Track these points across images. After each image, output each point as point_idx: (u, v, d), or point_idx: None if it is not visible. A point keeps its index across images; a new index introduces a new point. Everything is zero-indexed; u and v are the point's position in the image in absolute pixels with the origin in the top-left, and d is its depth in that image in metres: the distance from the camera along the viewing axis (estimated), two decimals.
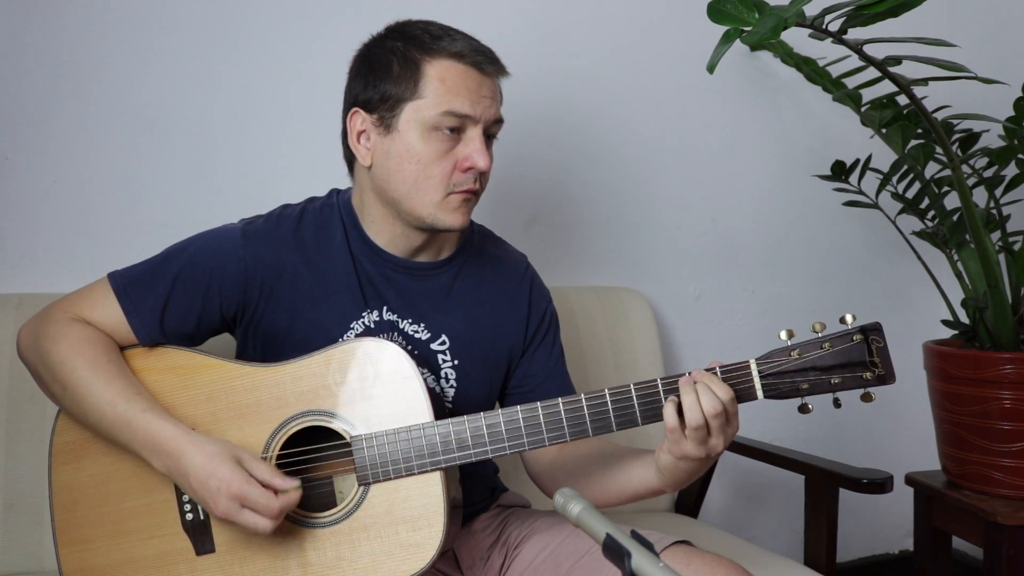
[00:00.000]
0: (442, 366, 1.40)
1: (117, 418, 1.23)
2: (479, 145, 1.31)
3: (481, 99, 1.31)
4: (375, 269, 1.39)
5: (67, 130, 1.81)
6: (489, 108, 1.32)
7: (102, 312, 1.32)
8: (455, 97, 1.29)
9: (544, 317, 1.50)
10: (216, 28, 1.89)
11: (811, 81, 2.23)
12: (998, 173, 2.07)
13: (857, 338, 1.25)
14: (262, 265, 1.35)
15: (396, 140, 1.31)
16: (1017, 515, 1.88)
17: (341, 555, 1.25)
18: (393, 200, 1.34)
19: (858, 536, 2.54)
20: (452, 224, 1.33)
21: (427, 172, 1.30)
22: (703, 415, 1.20)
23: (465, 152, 1.31)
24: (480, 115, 1.30)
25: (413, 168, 1.30)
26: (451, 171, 1.31)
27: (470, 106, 1.29)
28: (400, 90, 1.30)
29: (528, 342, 1.48)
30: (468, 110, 1.29)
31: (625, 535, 0.85)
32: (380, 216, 1.38)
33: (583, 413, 1.26)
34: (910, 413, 2.33)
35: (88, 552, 1.28)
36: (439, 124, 1.29)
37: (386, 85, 1.31)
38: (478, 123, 1.31)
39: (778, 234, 2.40)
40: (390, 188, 1.33)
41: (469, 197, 1.33)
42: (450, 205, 1.32)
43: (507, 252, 1.54)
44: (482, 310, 1.44)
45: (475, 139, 1.31)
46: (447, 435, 1.26)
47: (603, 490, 1.38)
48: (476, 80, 1.31)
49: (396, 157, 1.31)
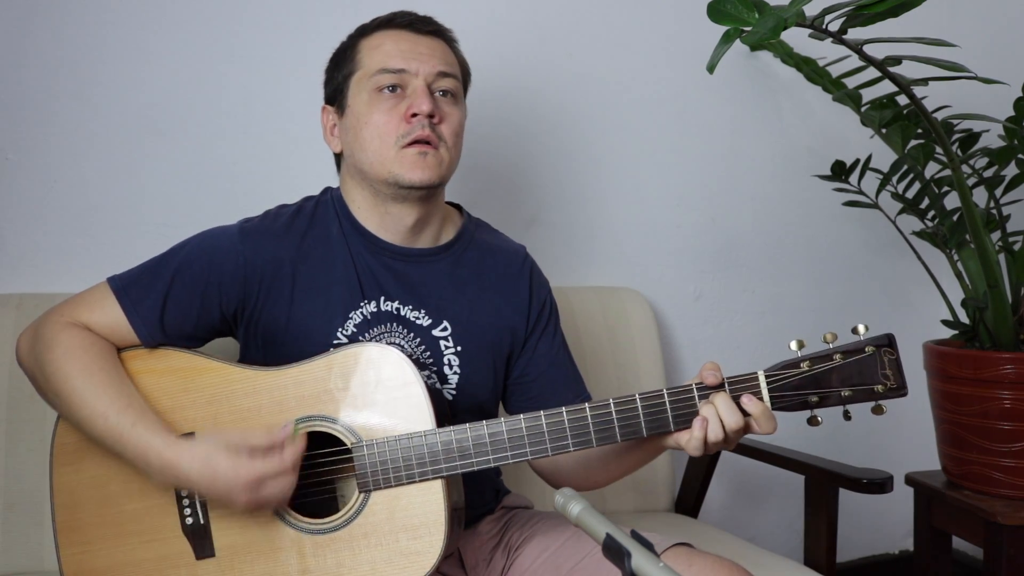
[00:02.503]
0: (445, 352, 1.41)
1: (108, 430, 1.23)
2: (420, 93, 1.35)
3: (417, 55, 1.36)
4: (373, 259, 1.40)
5: (67, 130, 1.81)
6: (427, 62, 1.37)
7: (101, 315, 1.32)
8: (387, 57, 1.36)
9: (545, 306, 1.51)
10: (216, 28, 1.89)
11: (811, 81, 2.23)
12: (998, 173, 2.07)
13: (869, 349, 1.23)
14: (260, 261, 1.35)
15: (350, 115, 1.39)
16: (1017, 515, 1.88)
17: (341, 561, 1.25)
18: (362, 172, 1.38)
19: (858, 536, 2.55)
20: (412, 179, 1.35)
21: (378, 131, 1.35)
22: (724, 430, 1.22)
23: (408, 103, 1.35)
24: (417, 69, 1.36)
25: (367, 132, 1.36)
26: (398, 122, 1.35)
27: (403, 61, 1.36)
28: (344, 71, 1.40)
29: (530, 331, 1.48)
30: (401, 64, 1.36)
31: (625, 535, 0.85)
32: (363, 199, 1.41)
33: (587, 423, 1.25)
34: (910, 413, 2.32)
35: (89, 554, 1.28)
36: (378, 84, 1.36)
37: (335, 73, 1.43)
38: (417, 76, 1.36)
39: (778, 234, 2.40)
40: (357, 162, 1.39)
41: (424, 149, 1.35)
42: (407, 158, 1.35)
43: (505, 241, 1.55)
44: (484, 296, 1.45)
45: (417, 89, 1.35)
46: (449, 442, 1.25)
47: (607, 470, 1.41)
48: (409, 40, 1.38)
49: (352, 129, 1.38)
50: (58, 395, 1.28)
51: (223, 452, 1.19)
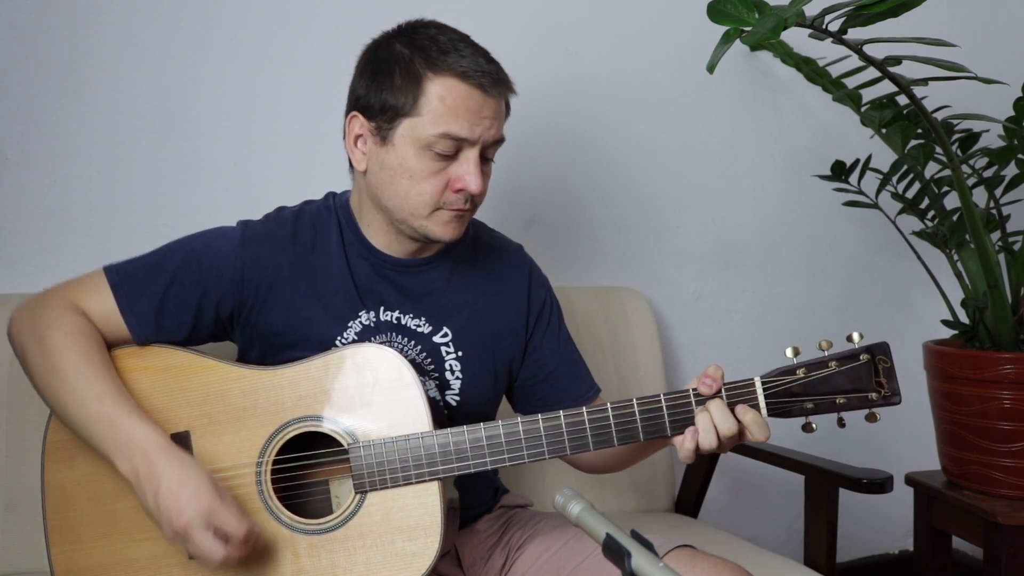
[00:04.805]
0: (446, 358, 1.40)
1: (101, 415, 1.22)
2: (473, 168, 1.28)
3: (481, 120, 1.28)
4: (371, 269, 1.39)
5: (67, 130, 1.81)
6: (488, 129, 1.29)
7: (98, 302, 1.31)
8: (453, 119, 1.26)
9: (545, 304, 1.50)
10: (216, 28, 1.89)
11: (811, 81, 2.23)
12: (998, 173, 2.07)
13: (864, 358, 1.24)
14: (258, 267, 1.35)
15: (391, 152, 1.30)
16: (1017, 515, 1.88)
17: (336, 563, 1.24)
18: (386, 208, 1.34)
19: (858, 536, 2.54)
20: (442, 236, 1.33)
21: (419, 188, 1.29)
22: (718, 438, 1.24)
23: (458, 173, 1.29)
24: (478, 137, 1.28)
25: (405, 183, 1.29)
26: (443, 189, 1.29)
27: (468, 128, 1.27)
28: (399, 103, 1.28)
29: (531, 331, 1.48)
30: (466, 133, 1.27)
31: (625, 535, 0.85)
32: (377, 221, 1.38)
33: (584, 427, 1.25)
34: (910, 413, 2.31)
35: (80, 552, 1.27)
36: (434, 145, 1.27)
37: (386, 95, 1.29)
38: (475, 145, 1.28)
39: (778, 234, 2.40)
40: (383, 197, 1.33)
41: (460, 214, 1.32)
42: (440, 219, 1.31)
43: (502, 241, 1.54)
44: (483, 300, 1.44)
45: (470, 160, 1.28)
46: (446, 444, 1.25)
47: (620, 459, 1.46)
48: (478, 101, 1.27)
49: (390, 169, 1.30)
50: (55, 371, 1.25)
51: (207, 475, 1.19)
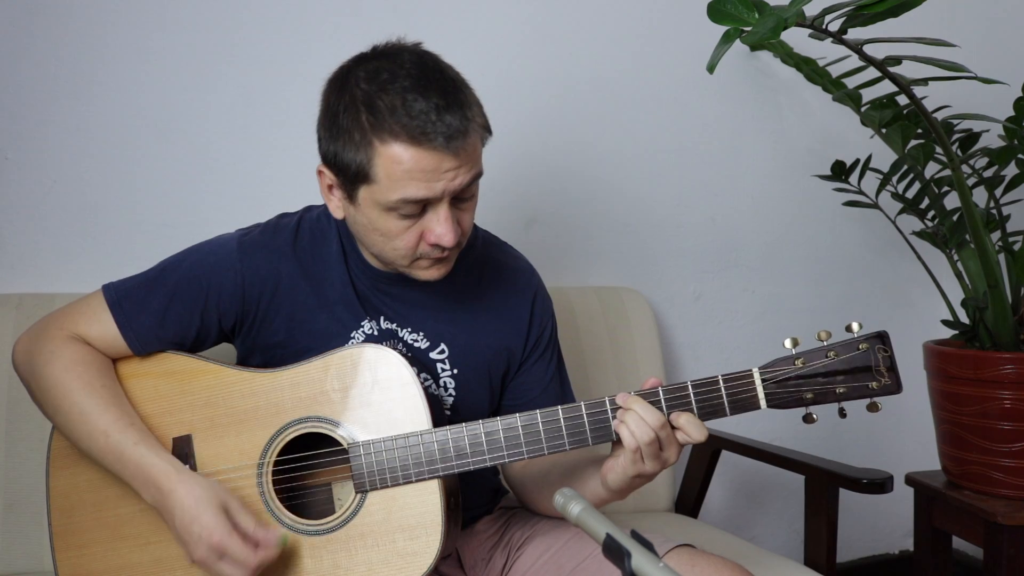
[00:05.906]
0: (441, 375, 1.39)
1: (109, 448, 1.23)
2: (443, 221, 1.21)
3: (441, 176, 1.19)
4: (370, 283, 1.38)
5: (67, 130, 1.81)
6: (452, 181, 1.20)
7: (98, 327, 1.31)
8: (409, 183, 1.18)
9: (544, 331, 1.47)
10: (216, 29, 1.89)
11: (811, 81, 2.23)
12: (998, 173, 2.07)
13: (863, 347, 1.23)
14: (259, 277, 1.34)
15: (359, 211, 1.25)
16: (1017, 515, 1.88)
17: (338, 563, 1.25)
18: (369, 251, 1.33)
19: (858, 536, 2.54)
20: (428, 279, 1.30)
21: (392, 244, 1.25)
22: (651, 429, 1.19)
23: (430, 226, 1.23)
24: (441, 193, 1.20)
25: (379, 239, 1.26)
26: (416, 243, 1.24)
27: (427, 189, 1.19)
28: (354, 165, 1.21)
29: (526, 355, 1.46)
30: (424, 194, 1.19)
31: (625, 535, 0.85)
32: (367, 251, 1.36)
33: (583, 422, 1.25)
34: (910, 413, 2.33)
35: (85, 557, 1.28)
36: (397, 208, 1.21)
37: (343, 154, 1.22)
38: (442, 198, 1.21)
39: (778, 234, 2.40)
40: (364, 243, 1.32)
41: (441, 259, 1.28)
42: (421, 266, 1.28)
43: (514, 259, 1.50)
44: (482, 318, 1.42)
45: (440, 212, 1.22)
46: (445, 443, 1.25)
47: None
48: (434, 161, 1.17)
49: (361, 226, 1.27)
50: (57, 410, 1.27)
51: (216, 505, 1.19)
